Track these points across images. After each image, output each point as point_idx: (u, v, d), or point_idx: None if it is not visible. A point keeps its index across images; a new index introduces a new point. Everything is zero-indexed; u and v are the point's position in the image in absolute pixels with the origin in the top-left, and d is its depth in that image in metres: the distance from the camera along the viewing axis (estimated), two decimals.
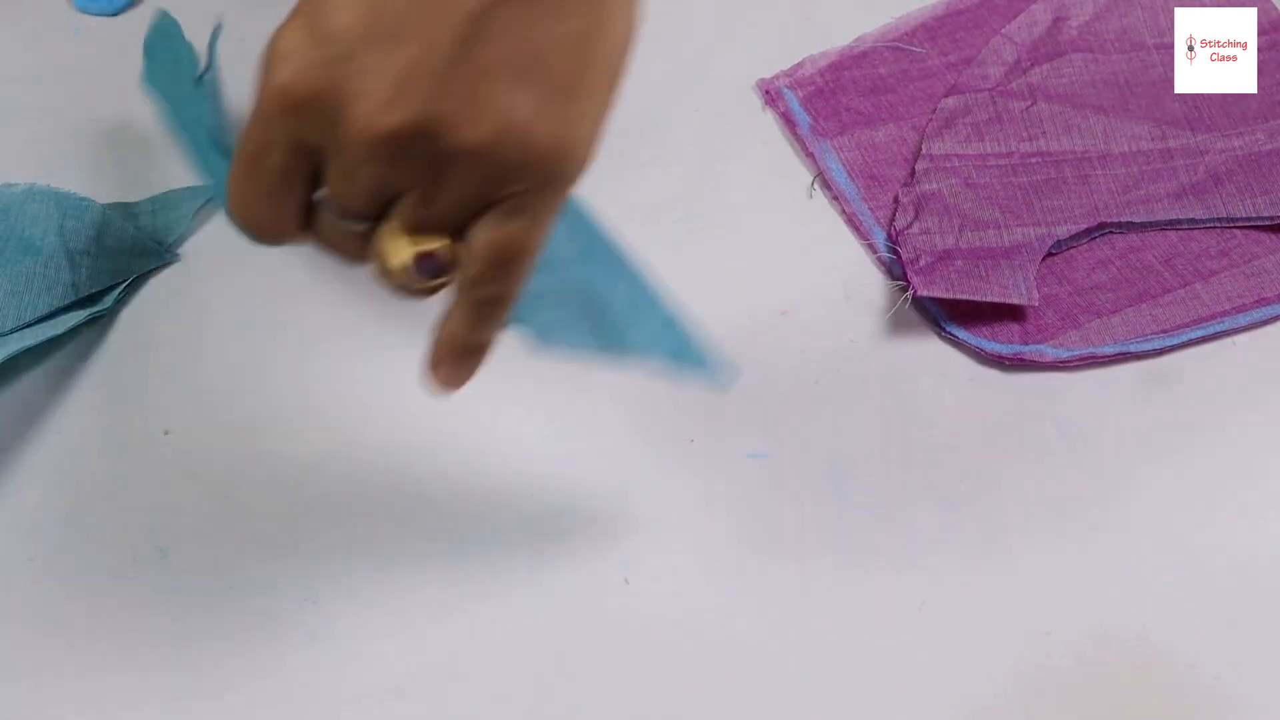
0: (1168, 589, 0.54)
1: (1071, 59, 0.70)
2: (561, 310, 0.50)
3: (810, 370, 0.61)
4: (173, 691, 0.52)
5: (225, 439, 0.58)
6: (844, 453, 0.58)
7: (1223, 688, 0.52)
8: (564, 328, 0.49)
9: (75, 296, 0.61)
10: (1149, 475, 0.57)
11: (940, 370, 0.61)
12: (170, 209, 0.65)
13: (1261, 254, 0.64)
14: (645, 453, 0.58)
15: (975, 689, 0.52)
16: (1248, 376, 0.61)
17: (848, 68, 0.71)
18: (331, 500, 0.57)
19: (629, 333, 0.50)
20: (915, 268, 0.62)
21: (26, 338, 0.59)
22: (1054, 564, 0.55)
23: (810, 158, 0.68)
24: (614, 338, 0.50)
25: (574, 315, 0.50)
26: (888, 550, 0.55)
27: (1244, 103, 0.69)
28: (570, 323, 0.50)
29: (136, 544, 0.55)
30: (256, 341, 0.61)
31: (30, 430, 0.58)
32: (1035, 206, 0.65)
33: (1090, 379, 0.60)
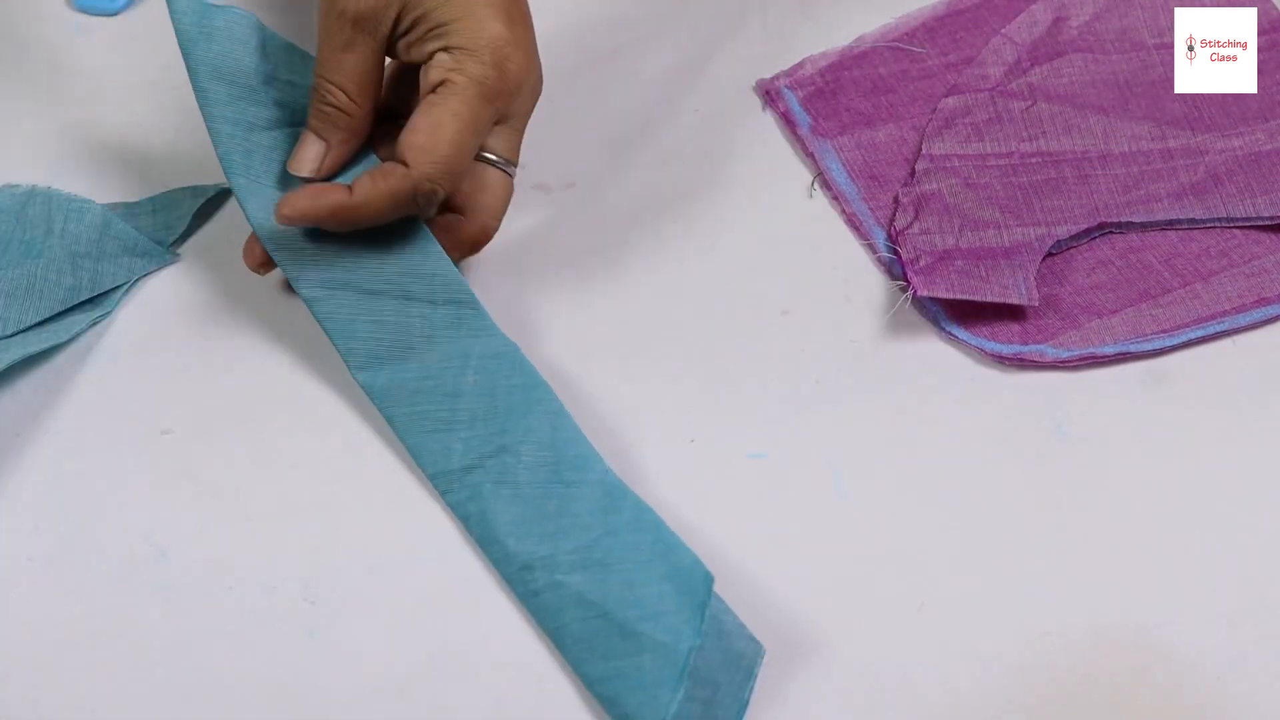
0: (1168, 589, 0.54)
1: (1071, 59, 0.70)
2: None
3: (810, 370, 0.61)
4: (173, 691, 0.52)
5: (225, 439, 0.58)
6: (844, 453, 0.58)
7: (1223, 688, 0.52)
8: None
9: (77, 299, 0.61)
10: (1149, 475, 0.57)
11: (940, 370, 0.61)
12: (170, 209, 0.65)
13: (1261, 254, 0.64)
14: (645, 453, 0.58)
15: (975, 689, 0.52)
16: (1248, 376, 0.61)
17: (848, 68, 0.71)
18: (331, 500, 0.57)
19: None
20: (915, 268, 0.62)
21: (30, 344, 0.59)
22: (1054, 564, 0.55)
23: (810, 158, 0.68)
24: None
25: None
26: (888, 550, 0.55)
27: (1244, 103, 0.69)
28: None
29: (136, 544, 0.55)
30: (256, 341, 0.61)
31: (30, 430, 0.58)
32: (1035, 206, 0.65)
33: (1090, 379, 0.60)
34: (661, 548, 0.52)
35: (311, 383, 0.60)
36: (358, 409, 0.59)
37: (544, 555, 0.53)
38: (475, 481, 0.55)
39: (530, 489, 0.55)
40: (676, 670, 0.50)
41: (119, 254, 0.63)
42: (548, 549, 0.53)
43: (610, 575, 0.52)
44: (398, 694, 0.52)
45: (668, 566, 0.52)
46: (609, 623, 0.51)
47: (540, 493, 0.54)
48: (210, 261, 0.64)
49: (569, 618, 0.52)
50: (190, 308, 0.62)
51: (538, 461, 0.55)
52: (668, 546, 0.52)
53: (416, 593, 0.54)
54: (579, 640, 0.51)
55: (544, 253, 0.64)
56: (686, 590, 0.51)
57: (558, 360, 0.59)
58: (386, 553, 0.55)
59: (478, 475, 0.55)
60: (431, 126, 0.56)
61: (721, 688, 0.51)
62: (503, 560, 0.54)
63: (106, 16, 0.73)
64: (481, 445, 0.55)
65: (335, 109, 0.59)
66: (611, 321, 0.62)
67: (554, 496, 0.54)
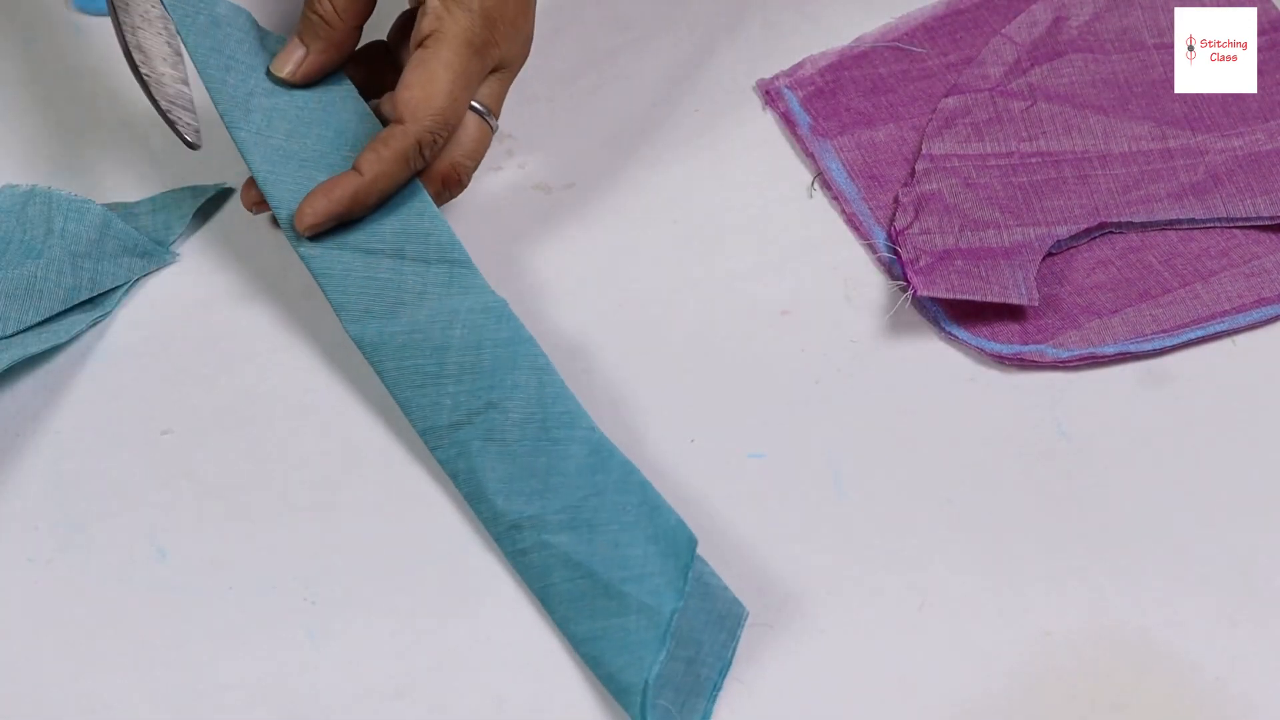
0: (1168, 589, 0.54)
1: (1071, 59, 0.70)
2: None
3: (810, 370, 0.61)
4: (173, 691, 0.52)
5: (225, 439, 0.58)
6: (844, 453, 0.58)
7: (1223, 688, 0.52)
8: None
9: (77, 299, 0.61)
10: (1149, 475, 0.57)
11: (940, 370, 0.61)
12: (170, 209, 0.65)
13: (1261, 254, 0.64)
14: (645, 453, 0.58)
15: (975, 689, 0.52)
16: (1248, 376, 0.61)
17: (848, 68, 0.71)
18: (331, 500, 0.57)
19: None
20: (915, 268, 0.62)
21: (30, 344, 0.59)
22: (1053, 564, 0.55)
23: (810, 158, 0.68)
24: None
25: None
26: (888, 550, 0.55)
27: (1244, 103, 0.69)
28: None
29: (136, 544, 0.55)
30: (256, 341, 0.61)
31: (30, 430, 0.58)
32: (1035, 206, 0.65)
33: (1090, 379, 0.60)
34: (647, 509, 0.53)
35: (311, 383, 0.60)
36: (358, 409, 0.59)
37: (531, 515, 0.54)
38: (464, 439, 0.55)
39: (519, 446, 0.55)
40: (660, 632, 0.50)
41: (119, 254, 0.63)
42: (535, 508, 0.54)
43: (597, 536, 0.53)
44: (397, 694, 0.52)
45: (653, 528, 0.53)
46: (595, 583, 0.52)
47: (529, 449, 0.55)
48: (210, 261, 0.64)
49: (556, 577, 0.53)
50: (190, 308, 0.62)
51: (525, 418, 0.56)
52: (653, 508, 0.53)
53: (416, 593, 0.54)
54: (566, 600, 0.53)
55: (544, 253, 0.64)
56: (671, 552, 0.52)
57: (558, 360, 0.59)
58: (386, 553, 0.55)
59: (466, 432, 0.55)
60: (425, 80, 0.58)
61: (704, 647, 0.52)
62: (491, 519, 0.55)
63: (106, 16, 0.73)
64: (469, 401, 0.56)
65: (320, 19, 0.60)
66: (611, 321, 0.62)
67: (543, 454, 0.55)
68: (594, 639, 0.52)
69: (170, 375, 0.60)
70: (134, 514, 0.56)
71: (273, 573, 0.54)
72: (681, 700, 0.51)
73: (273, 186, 0.59)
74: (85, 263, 0.62)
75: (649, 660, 0.50)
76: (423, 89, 0.57)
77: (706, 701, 0.51)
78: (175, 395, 0.60)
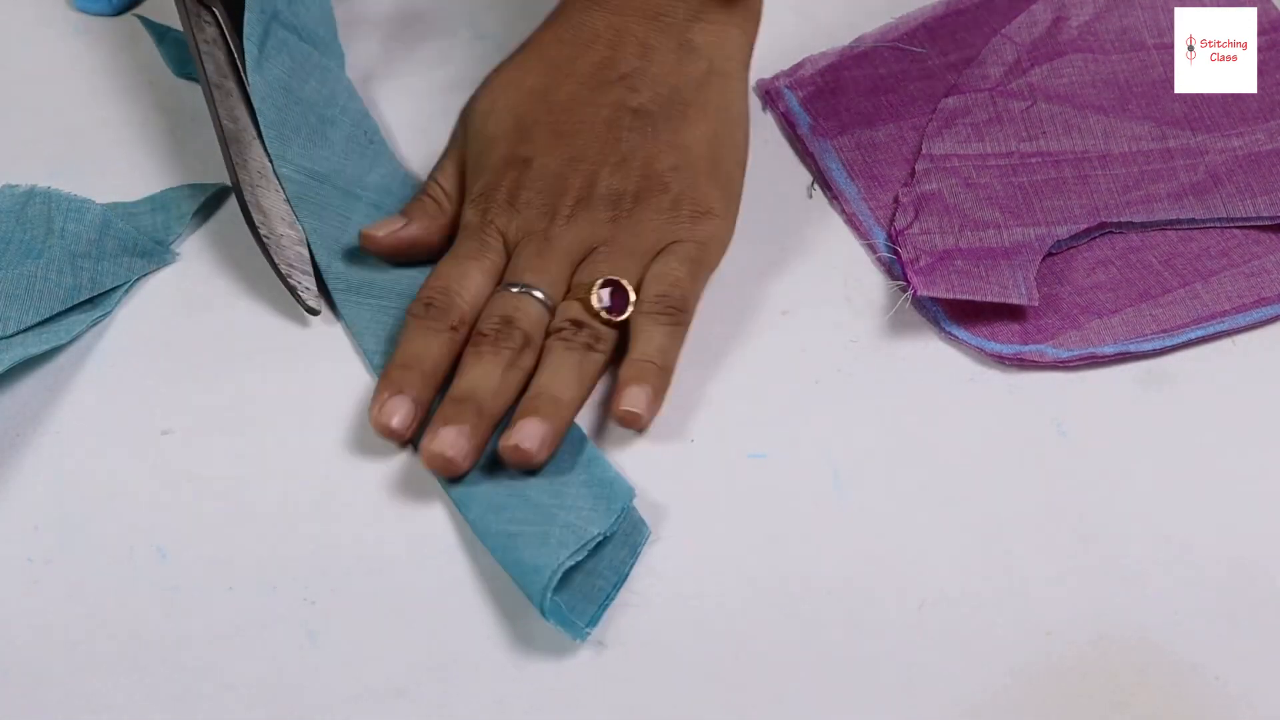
0: (1168, 589, 0.54)
1: (1071, 59, 0.70)
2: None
3: (810, 370, 0.61)
4: (172, 691, 0.52)
5: (225, 439, 0.58)
6: (844, 453, 0.58)
7: (1224, 688, 0.52)
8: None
9: (77, 299, 0.61)
10: (1149, 475, 0.57)
11: (940, 370, 0.61)
12: (170, 209, 0.65)
13: (1261, 254, 0.64)
14: (645, 453, 0.58)
15: (975, 689, 0.52)
16: (1248, 376, 0.61)
17: (848, 68, 0.71)
18: (331, 500, 0.57)
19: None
20: (915, 268, 0.62)
21: (30, 345, 0.59)
22: (1054, 564, 0.55)
23: (810, 158, 0.68)
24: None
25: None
26: (888, 550, 0.55)
27: (1244, 103, 0.69)
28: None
29: (136, 544, 0.55)
30: (256, 341, 0.61)
31: (30, 430, 0.58)
32: (1035, 206, 0.65)
33: (1090, 379, 0.60)
34: (584, 460, 0.56)
35: (311, 382, 0.60)
36: (359, 408, 0.59)
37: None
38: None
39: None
40: (580, 543, 0.53)
41: (119, 254, 0.63)
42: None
43: (535, 478, 0.56)
44: (398, 694, 0.52)
45: (588, 475, 0.56)
46: (525, 500, 0.55)
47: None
48: (210, 261, 0.64)
49: (490, 496, 0.55)
50: (190, 308, 0.62)
51: None
52: (590, 459, 0.56)
53: (416, 593, 0.54)
54: (491, 509, 0.55)
55: None
56: (604, 495, 0.55)
57: None
58: (386, 553, 0.55)
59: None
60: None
61: (604, 560, 0.54)
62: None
63: (106, 16, 0.73)
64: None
65: (433, 200, 0.62)
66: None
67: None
68: (512, 535, 0.53)
69: (170, 375, 0.60)
70: (134, 514, 0.56)
71: (273, 573, 0.54)
72: (574, 604, 0.52)
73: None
74: (85, 263, 0.62)
75: (561, 556, 0.52)
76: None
77: (596, 608, 0.53)
78: (175, 395, 0.60)
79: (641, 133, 0.61)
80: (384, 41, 0.73)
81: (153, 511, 0.56)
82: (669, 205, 0.60)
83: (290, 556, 0.55)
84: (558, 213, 0.60)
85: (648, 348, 0.58)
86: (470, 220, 0.61)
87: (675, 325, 0.59)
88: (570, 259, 0.60)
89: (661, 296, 0.59)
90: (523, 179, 0.61)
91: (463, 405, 0.56)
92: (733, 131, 0.63)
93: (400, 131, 0.69)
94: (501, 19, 0.74)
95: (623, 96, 0.61)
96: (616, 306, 0.58)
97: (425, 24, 0.74)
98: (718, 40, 0.63)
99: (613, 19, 0.63)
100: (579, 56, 0.63)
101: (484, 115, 0.63)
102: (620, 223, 0.60)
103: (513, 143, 0.62)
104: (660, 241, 0.60)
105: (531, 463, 0.55)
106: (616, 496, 0.55)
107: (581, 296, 0.58)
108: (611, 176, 0.61)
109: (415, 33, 0.74)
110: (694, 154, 0.61)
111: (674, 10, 0.62)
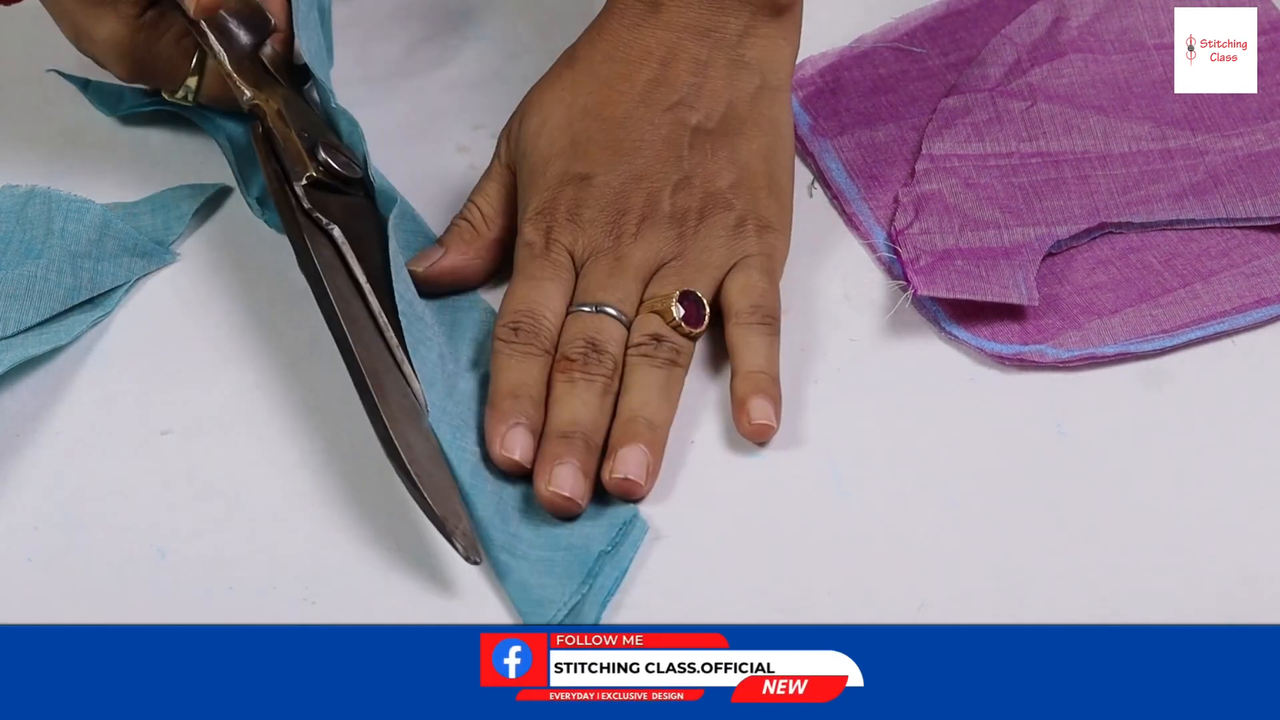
0: (1168, 589, 0.54)
1: (1071, 59, 0.70)
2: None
3: (810, 370, 0.61)
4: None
5: (225, 439, 0.58)
6: (844, 453, 0.58)
7: None
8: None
9: (77, 300, 0.61)
10: (1149, 475, 0.57)
11: (940, 370, 0.61)
12: (170, 209, 0.65)
13: (1262, 254, 0.64)
14: None
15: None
16: (1248, 376, 0.61)
17: (848, 68, 0.71)
18: (331, 500, 0.56)
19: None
20: (915, 267, 0.62)
21: (31, 346, 0.59)
22: (1053, 564, 0.55)
23: (810, 158, 0.68)
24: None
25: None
26: (888, 550, 0.55)
27: (1244, 103, 0.69)
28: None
29: (135, 544, 0.55)
30: (256, 341, 0.61)
31: (30, 430, 0.58)
32: (1035, 207, 0.65)
33: (1090, 379, 0.60)
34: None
35: (311, 382, 0.60)
36: (358, 408, 0.59)
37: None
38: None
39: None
40: (584, 570, 0.53)
41: (118, 254, 0.63)
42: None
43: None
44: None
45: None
46: (528, 514, 0.55)
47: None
48: (210, 261, 0.64)
49: (496, 491, 0.56)
50: (190, 308, 0.62)
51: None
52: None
53: (416, 593, 0.54)
54: (499, 514, 0.55)
55: None
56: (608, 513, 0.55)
57: None
58: (386, 553, 0.55)
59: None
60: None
61: (603, 560, 0.54)
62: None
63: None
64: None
65: (468, 224, 0.62)
66: None
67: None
68: (514, 555, 0.54)
69: (170, 375, 0.60)
70: (134, 514, 0.56)
71: (273, 573, 0.54)
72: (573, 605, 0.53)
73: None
74: (85, 263, 0.62)
75: (566, 593, 0.52)
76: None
77: (596, 609, 0.53)
78: (175, 395, 0.60)
79: (701, 150, 0.61)
80: (384, 42, 0.74)
81: (153, 511, 0.56)
82: (734, 223, 0.61)
83: (290, 556, 0.55)
84: (624, 230, 0.60)
85: (756, 359, 0.58)
86: (533, 239, 0.60)
87: (773, 335, 0.59)
88: (641, 276, 0.60)
89: (756, 308, 0.59)
90: (583, 196, 0.61)
91: (571, 441, 0.55)
92: (786, 145, 0.63)
93: (400, 131, 0.69)
94: (501, 19, 0.74)
95: (681, 114, 0.62)
96: (693, 317, 0.59)
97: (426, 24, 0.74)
98: (768, 54, 0.63)
99: (664, 35, 0.62)
100: (632, 74, 0.62)
101: (534, 133, 0.62)
102: (687, 239, 0.60)
103: (569, 160, 0.61)
104: (730, 257, 0.60)
105: (638, 494, 0.55)
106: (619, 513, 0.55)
107: (659, 309, 0.59)
108: (675, 195, 0.61)
109: (415, 33, 0.74)
110: (752, 170, 0.62)
111: (725, 25, 0.62)
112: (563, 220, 0.60)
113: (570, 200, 0.60)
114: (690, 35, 0.62)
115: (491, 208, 0.63)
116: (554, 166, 0.61)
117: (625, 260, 0.60)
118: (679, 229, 0.60)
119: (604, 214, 0.60)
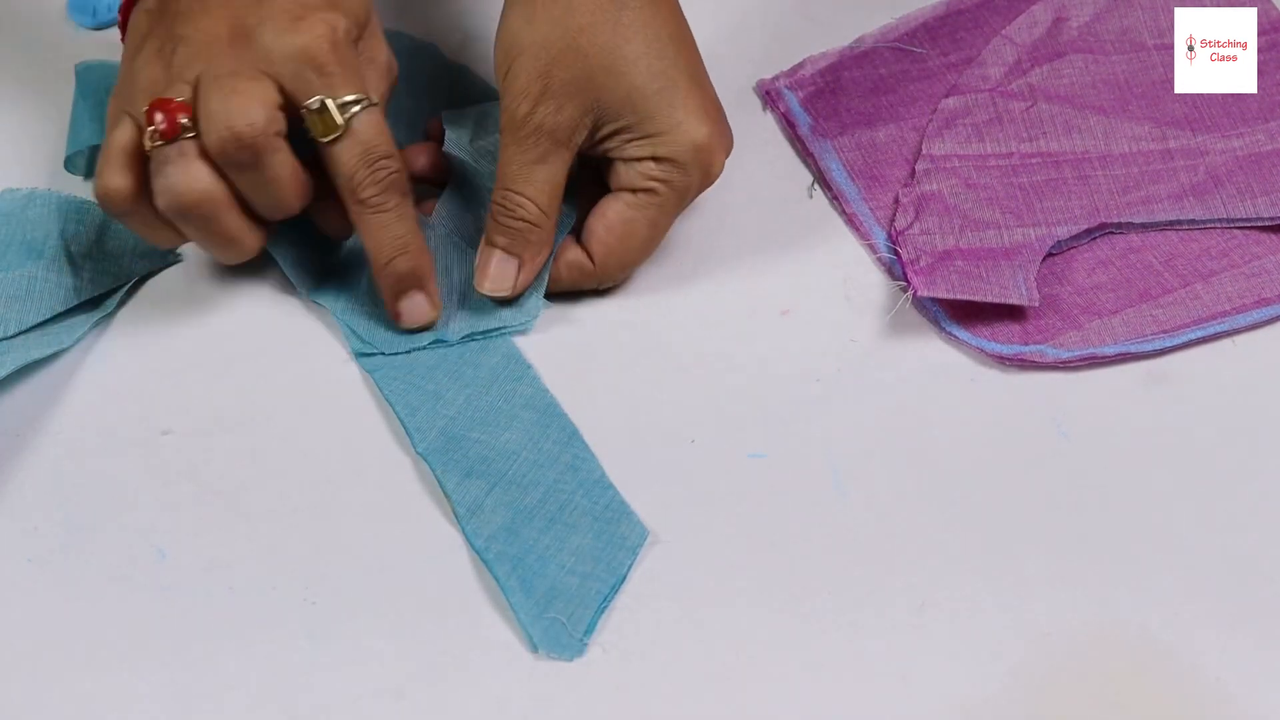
0: (1168, 589, 0.54)
1: (1072, 59, 0.70)
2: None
3: (810, 370, 0.61)
4: (172, 691, 0.52)
5: (225, 439, 0.58)
6: (844, 453, 0.58)
7: (1223, 688, 0.52)
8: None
9: (78, 300, 0.61)
10: (1149, 475, 0.57)
11: (940, 370, 0.61)
12: None
13: (1262, 254, 0.64)
14: (645, 453, 0.58)
15: (975, 689, 0.52)
16: (1248, 376, 0.61)
17: (848, 68, 0.71)
18: (331, 500, 0.57)
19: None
20: (915, 268, 0.62)
21: (33, 349, 0.59)
22: (1054, 564, 0.55)
23: (810, 158, 0.68)
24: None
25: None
26: (888, 550, 0.55)
27: (1244, 103, 0.69)
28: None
29: (136, 544, 0.55)
30: (256, 341, 0.61)
31: (30, 430, 0.58)
32: (1035, 207, 0.65)
33: (1090, 379, 0.60)
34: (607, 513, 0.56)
35: (311, 382, 0.60)
36: (357, 409, 0.59)
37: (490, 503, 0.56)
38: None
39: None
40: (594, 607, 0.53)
41: (119, 254, 0.63)
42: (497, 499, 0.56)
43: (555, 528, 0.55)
44: (398, 694, 0.52)
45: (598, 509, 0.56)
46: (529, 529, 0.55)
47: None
48: (210, 261, 0.64)
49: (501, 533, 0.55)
50: (190, 308, 0.63)
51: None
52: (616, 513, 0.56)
53: (416, 593, 0.54)
54: (498, 546, 0.55)
55: None
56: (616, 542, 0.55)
57: (559, 360, 0.59)
58: (386, 553, 0.55)
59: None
60: (627, 231, 0.60)
61: (601, 564, 0.54)
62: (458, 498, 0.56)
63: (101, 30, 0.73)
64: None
65: (527, 223, 0.59)
66: (612, 321, 0.62)
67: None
68: (516, 567, 0.54)
69: (170, 375, 0.60)
70: (134, 514, 0.56)
71: (273, 573, 0.54)
72: (570, 610, 0.53)
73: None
74: (86, 264, 0.62)
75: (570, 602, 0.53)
76: (622, 239, 0.60)
77: (593, 613, 0.53)
78: (175, 395, 0.60)
79: None
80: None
81: (153, 511, 0.56)
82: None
83: (290, 556, 0.55)
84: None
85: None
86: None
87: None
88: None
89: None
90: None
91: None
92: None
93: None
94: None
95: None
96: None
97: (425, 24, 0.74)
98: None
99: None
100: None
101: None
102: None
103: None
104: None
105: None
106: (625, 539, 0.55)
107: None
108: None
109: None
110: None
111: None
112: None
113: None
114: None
115: (545, 197, 0.60)
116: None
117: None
118: None
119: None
